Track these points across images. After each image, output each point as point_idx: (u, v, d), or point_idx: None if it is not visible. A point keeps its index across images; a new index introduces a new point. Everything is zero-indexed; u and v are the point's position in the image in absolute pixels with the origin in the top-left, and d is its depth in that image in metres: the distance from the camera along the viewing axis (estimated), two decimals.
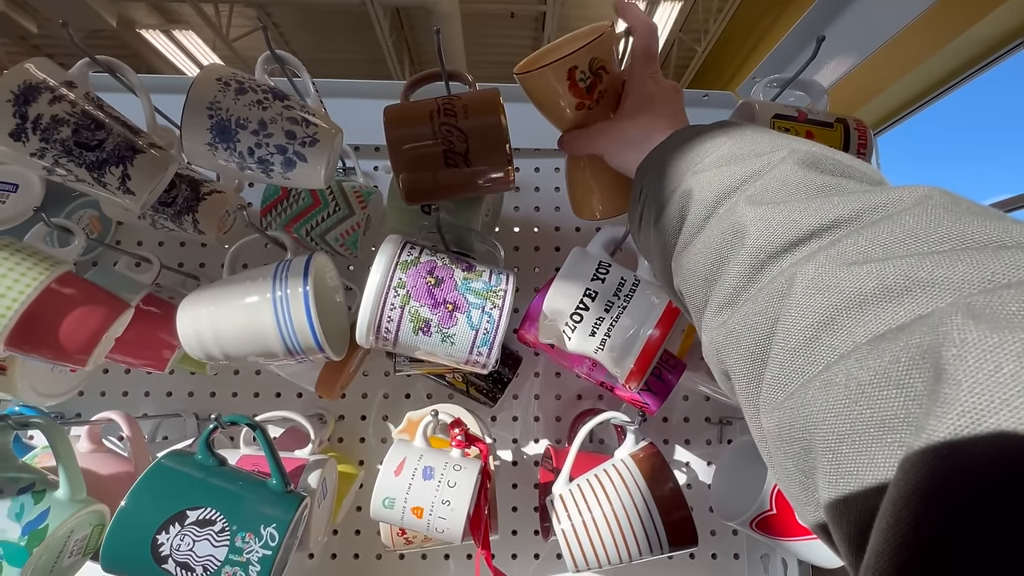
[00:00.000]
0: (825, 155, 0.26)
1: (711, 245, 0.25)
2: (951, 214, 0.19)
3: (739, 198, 0.25)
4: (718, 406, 0.68)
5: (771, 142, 0.27)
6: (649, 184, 0.32)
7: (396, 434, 0.56)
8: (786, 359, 0.20)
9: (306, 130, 0.45)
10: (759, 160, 0.26)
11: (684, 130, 0.33)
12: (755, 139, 0.28)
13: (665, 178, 0.31)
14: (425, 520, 0.41)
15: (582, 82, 0.40)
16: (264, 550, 0.38)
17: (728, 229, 0.25)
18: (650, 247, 0.33)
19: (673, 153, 0.31)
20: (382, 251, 0.41)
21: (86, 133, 0.44)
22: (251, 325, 0.43)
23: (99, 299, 0.44)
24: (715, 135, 0.30)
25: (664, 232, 0.30)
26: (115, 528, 0.37)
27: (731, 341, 0.23)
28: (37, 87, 0.42)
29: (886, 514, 0.14)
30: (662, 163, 0.32)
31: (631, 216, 0.37)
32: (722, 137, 0.29)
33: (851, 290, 0.18)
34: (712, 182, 0.27)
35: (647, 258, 0.35)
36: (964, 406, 0.13)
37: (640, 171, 0.35)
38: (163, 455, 0.41)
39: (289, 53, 0.50)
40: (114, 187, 0.46)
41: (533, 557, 0.65)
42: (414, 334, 0.40)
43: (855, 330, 0.18)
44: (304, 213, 0.59)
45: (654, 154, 0.34)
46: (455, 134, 0.45)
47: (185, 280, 0.66)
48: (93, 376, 0.66)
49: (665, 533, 0.46)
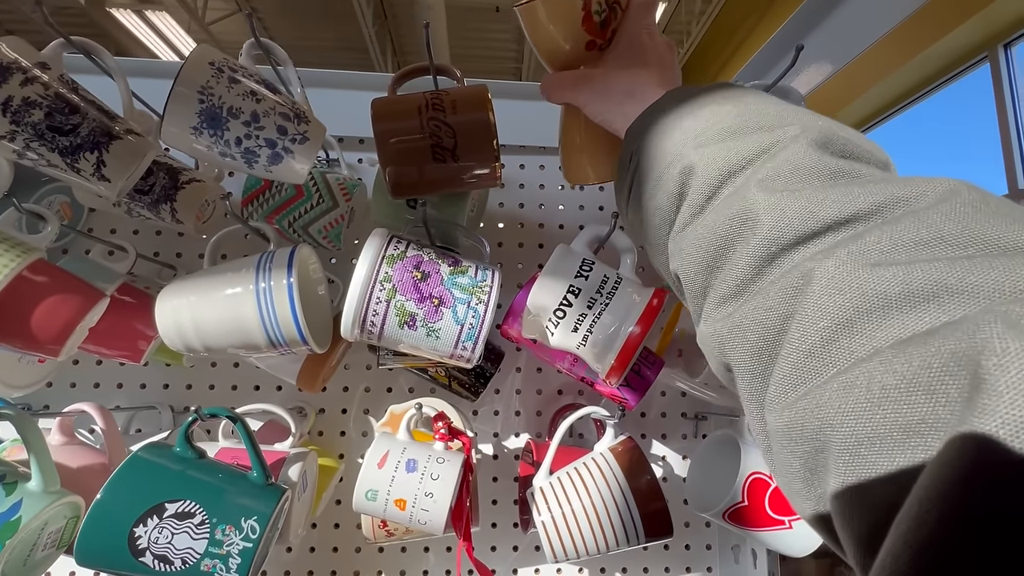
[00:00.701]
0: (837, 134, 0.24)
1: (715, 230, 0.24)
2: (980, 214, 0.18)
3: (748, 180, 0.24)
4: (694, 402, 0.70)
5: (778, 114, 0.26)
6: (642, 151, 0.30)
7: (378, 428, 0.56)
8: (800, 359, 0.19)
9: (298, 127, 0.45)
10: (767, 136, 0.25)
11: (679, 91, 0.31)
12: (760, 109, 0.26)
13: (661, 147, 0.28)
14: (408, 512, 0.42)
15: (597, 15, 0.36)
16: (245, 543, 0.38)
17: (736, 215, 0.23)
18: (641, 221, 0.31)
19: (669, 118, 0.29)
20: (368, 245, 0.41)
21: (59, 117, 0.43)
22: (233, 317, 0.43)
23: (73, 288, 0.43)
24: (716, 100, 0.28)
25: (659, 208, 0.28)
26: (91, 520, 0.36)
27: (736, 334, 0.23)
28: (8, 67, 0.41)
29: (908, 517, 0.13)
30: (657, 129, 0.29)
31: (619, 184, 0.34)
32: (726, 105, 0.27)
33: (874, 293, 0.18)
34: (716, 158, 0.25)
35: (634, 232, 0.33)
36: (1004, 417, 0.12)
37: (631, 135, 0.32)
38: (140, 447, 0.40)
39: (268, 39, 0.49)
40: (88, 173, 0.45)
41: (512, 549, 0.66)
42: (400, 328, 0.40)
43: (876, 334, 0.17)
44: (287, 204, 0.59)
45: (647, 117, 0.31)
46: (443, 129, 0.45)
47: (161, 270, 0.64)
48: (63, 367, 0.64)
49: (642, 524, 0.47)
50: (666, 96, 0.31)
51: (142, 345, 0.54)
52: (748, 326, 0.22)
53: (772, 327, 0.21)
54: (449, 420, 0.48)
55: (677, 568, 0.67)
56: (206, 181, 0.60)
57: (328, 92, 0.69)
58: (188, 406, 0.65)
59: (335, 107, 0.68)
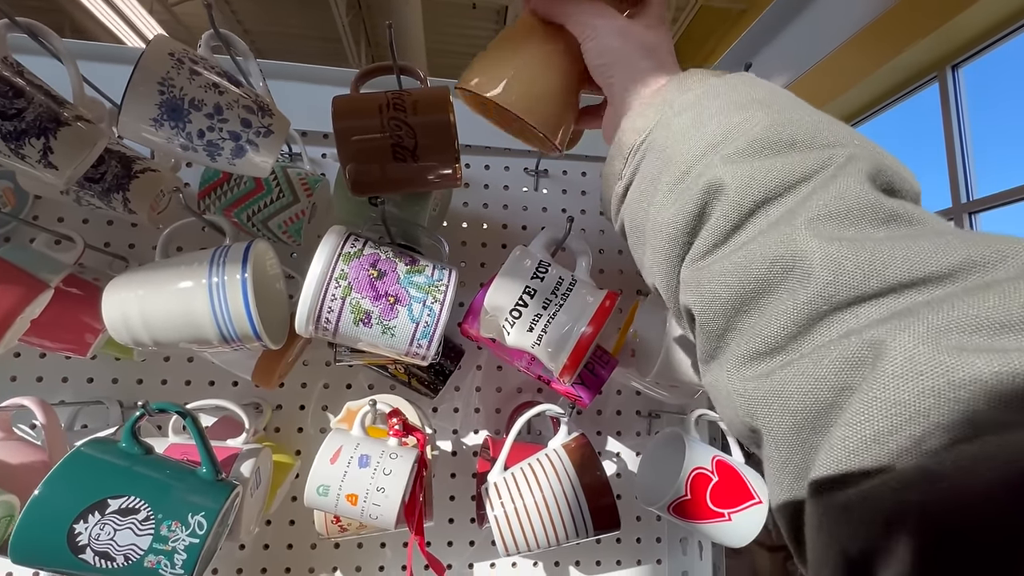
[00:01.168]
0: (884, 163, 0.22)
1: (751, 271, 0.21)
2: None
3: (794, 216, 0.21)
4: (648, 400, 0.72)
5: (814, 127, 0.22)
6: (654, 147, 0.26)
7: (335, 424, 0.56)
8: (860, 444, 0.17)
9: (262, 120, 0.45)
10: (809, 157, 0.22)
11: (697, 79, 0.26)
12: (794, 119, 0.23)
13: (678, 149, 0.24)
14: (359, 507, 0.42)
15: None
16: (191, 538, 0.37)
17: (781, 259, 0.20)
18: (641, 231, 0.27)
19: (689, 114, 0.25)
20: (325, 241, 0.41)
21: (2, 100, 0.42)
22: (184, 311, 0.42)
23: (12, 278, 0.42)
24: (743, 101, 0.24)
25: (671, 223, 0.24)
26: (28, 516, 0.35)
27: (774, 400, 0.20)
28: None
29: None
30: (675, 125, 0.25)
31: (609, 176, 0.29)
32: (754, 109, 0.23)
33: (961, 383, 0.15)
34: (751, 180, 0.22)
35: (630, 238, 0.28)
36: None
37: (638, 118, 0.27)
38: (83, 442, 0.39)
39: (236, 24, 0.49)
40: (34, 160, 0.44)
41: (468, 544, 0.67)
42: (354, 325, 0.40)
43: (959, 431, 0.15)
44: (246, 198, 0.58)
45: (660, 104, 0.26)
46: (403, 129, 0.46)
47: (112, 261, 0.63)
48: (3, 360, 0.62)
49: (591, 518, 0.49)
50: (682, 83, 0.27)
51: (89, 338, 0.52)
52: (791, 393, 0.19)
53: (823, 400, 0.18)
54: (404, 417, 0.48)
55: (628, 561, 0.70)
56: (161, 171, 0.58)
57: (292, 85, 0.69)
58: (137, 401, 0.64)
59: (299, 101, 0.68)
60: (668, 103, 0.26)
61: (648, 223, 0.26)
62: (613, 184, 0.29)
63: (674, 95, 0.26)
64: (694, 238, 0.24)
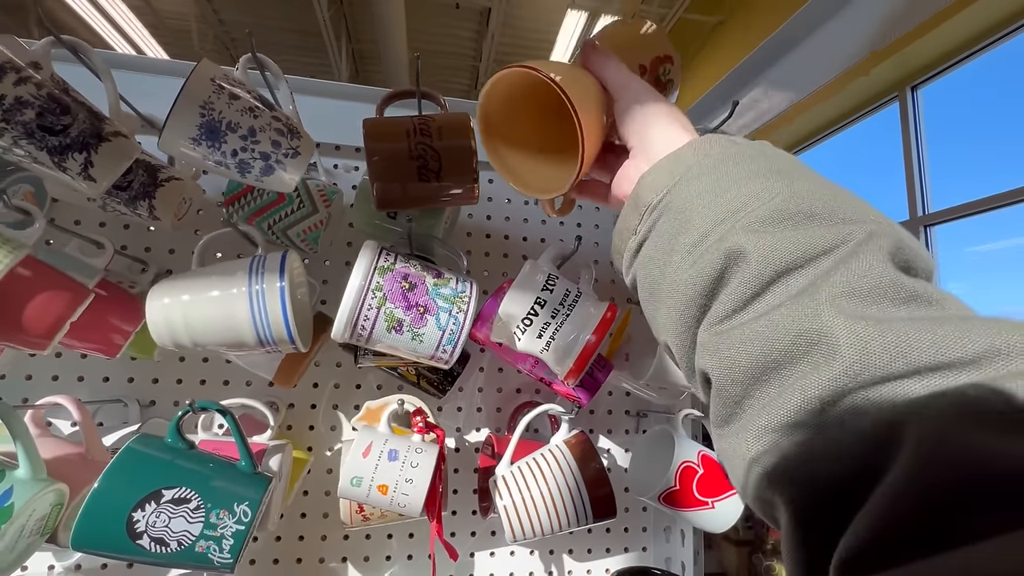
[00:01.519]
0: (903, 241, 0.22)
1: (773, 342, 0.21)
2: None
3: (816, 289, 0.21)
4: (636, 401, 0.78)
5: (832, 199, 0.23)
6: (672, 208, 0.26)
7: (355, 421, 0.60)
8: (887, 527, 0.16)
9: (291, 142, 0.48)
10: (831, 231, 0.22)
11: (714, 144, 0.27)
12: (811, 190, 0.24)
13: (698, 212, 0.25)
14: (389, 496, 0.46)
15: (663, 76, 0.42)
16: (237, 525, 0.41)
17: (805, 335, 0.20)
18: (654, 286, 0.27)
19: (707, 178, 0.26)
20: (362, 256, 0.45)
21: (51, 117, 0.44)
22: (226, 316, 0.45)
23: (62, 284, 0.45)
24: (761, 171, 0.25)
25: (689, 284, 0.24)
26: (90, 506, 0.38)
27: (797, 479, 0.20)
28: (2, 67, 0.42)
29: None
30: (694, 187, 0.26)
31: (624, 230, 0.30)
32: (773, 180, 0.24)
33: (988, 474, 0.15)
34: (773, 250, 0.22)
35: (642, 290, 0.29)
36: None
37: (658, 178, 0.28)
38: (133, 439, 0.42)
39: (212, 13, 0.52)
40: (75, 172, 0.46)
41: (470, 535, 0.72)
42: (387, 332, 0.45)
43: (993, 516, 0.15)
44: (268, 207, 0.61)
45: (677, 166, 0.27)
46: (429, 153, 0.50)
47: (131, 264, 0.65)
48: (18, 360, 0.63)
49: (591, 507, 0.55)
50: (701, 146, 0.28)
51: (117, 339, 0.55)
52: (815, 473, 0.19)
53: (846, 481, 0.18)
54: (426, 415, 0.53)
55: (617, 548, 0.76)
56: (184, 179, 0.61)
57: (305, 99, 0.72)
58: (153, 400, 0.66)
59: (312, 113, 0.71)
60: (687, 165, 0.27)
61: (664, 282, 0.26)
62: (627, 238, 0.29)
63: (694, 157, 0.27)
64: (712, 301, 0.24)
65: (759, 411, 0.21)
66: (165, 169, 0.60)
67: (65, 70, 0.47)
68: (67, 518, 0.46)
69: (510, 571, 0.72)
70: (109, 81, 0.50)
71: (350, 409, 0.69)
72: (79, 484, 0.46)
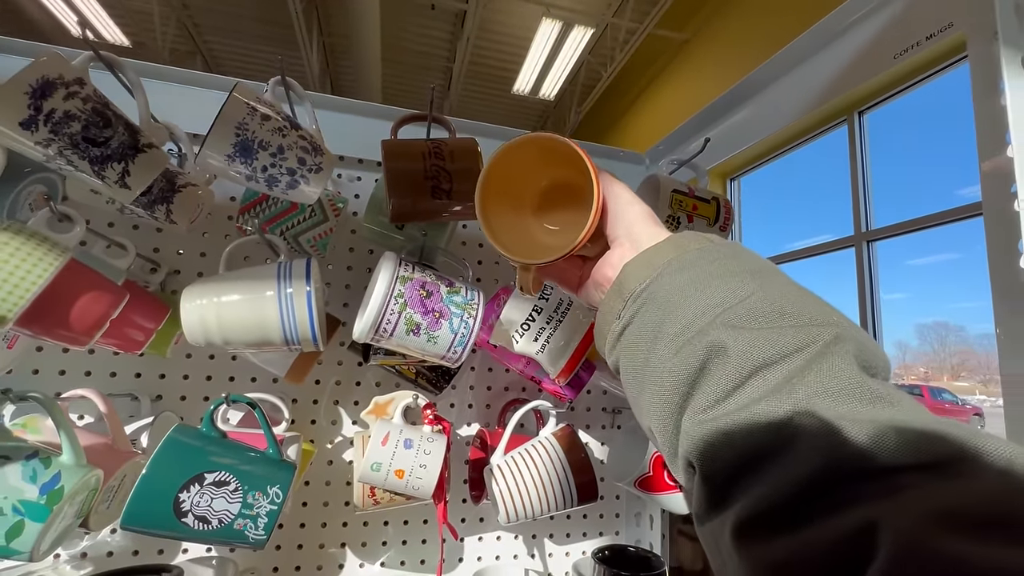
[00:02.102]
0: (864, 343, 0.25)
1: (754, 433, 0.23)
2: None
3: (791, 387, 0.23)
4: (613, 398, 0.86)
5: (799, 300, 0.26)
6: (655, 301, 0.28)
7: (364, 415, 0.65)
8: None
9: (314, 159, 0.53)
10: (801, 332, 0.24)
11: (688, 240, 0.30)
12: (783, 292, 0.26)
13: (680, 307, 0.27)
14: (405, 480, 0.52)
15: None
16: (271, 505, 0.46)
17: (783, 425, 0.22)
18: (638, 372, 0.29)
19: (686, 275, 0.28)
20: (384, 267, 0.50)
21: (95, 130, 0.48)
22: (257, 317, 0.50)
23: (103, 285, 0.48)
24: (736, 270, 0.28)
25: (672, 372, 0.26)
26: (140, 489, 0.42)
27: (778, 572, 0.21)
28: (53, 82, 0.45)
29: None
30: (675, 283, 0.28)
31: (607, 315, 0.32)
32: (746, 278, 0.27)
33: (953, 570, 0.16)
34: (751, 346, 0.24)
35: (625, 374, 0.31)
36: None
37: (640, 271, 0.30)
38: (173, 429, 0.46)
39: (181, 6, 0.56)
40: (112, 181, 0.50)
41: (460, 520, 0.78)
42: (406, 334, 0.50)
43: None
44: (282, 215, 0.65)
45: (656, 261, 0.30)
46: (443, 174, 0.56)
47: (143, 264, 0.67)
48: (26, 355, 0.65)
49: (576, 491, 0.62)
50: (680, 242, 0.30)
51: (139, 337, 0.58)
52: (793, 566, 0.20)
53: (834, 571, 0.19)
54: (435, 408, 0.58)
55: (592, 533, 0.83)
56: (200, 185, 0.64)
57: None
58: (160, 395, 0.69)
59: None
60: (668, 258, 0.29)
61: (649, 368, 0.28)
62: (611, 321, 0.31)
63: (674, 252, 0.30)
64: (695, 390, 0.26)
65: (744, 504, 0.22)
66: (182, 175, 0.63)
67: None
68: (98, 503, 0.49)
69: (496, 554, 0.79)
70: (141, 95, 0.53)
71: (350, 405, 0.74)
72: (108, 472, 0.50)
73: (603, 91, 5.03)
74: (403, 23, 4.59)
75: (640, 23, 4.17)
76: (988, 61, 0.41)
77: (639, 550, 0.69)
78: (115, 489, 0.52)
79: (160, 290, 0.68)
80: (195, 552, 0.65)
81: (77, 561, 0.64)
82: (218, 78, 0.70)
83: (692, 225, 0.64)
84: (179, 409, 0.69)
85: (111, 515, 0.52)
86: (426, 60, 5.17)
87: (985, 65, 0.42)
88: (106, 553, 0.65)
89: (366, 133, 0.74)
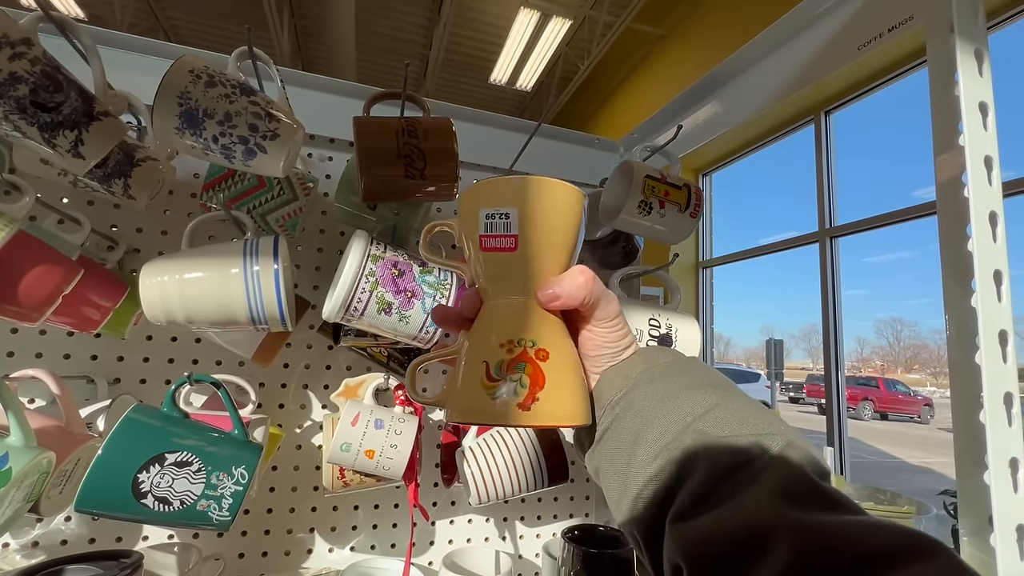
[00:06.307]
0: (811, 454, 0.28)
1: (732, 533, 0.25)
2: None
3: (758, 486, 0.26)
4: None
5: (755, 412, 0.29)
6: (634, 408, 0.31)
7: (334, 397, 0.64)
8: None
9: (268, 125, 0.51)
10: (760, 440, 0.28)
11: (656, 354, 0.33)
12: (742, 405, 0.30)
13: (657, 415, 0.30)
14: (375, 460, 0.51)
15: None
16: (236, 486, 0.45)
17: (753, 525, 0.25)
18: (618, 475, 0.31)
19: (660, 385, 0.31)
20: (355, 245, 0.49)
21: (44, 94, 0.45)
22: (221, 295, 0.48)
23: (55, 260, 0.46)
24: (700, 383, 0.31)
25: (654, 477, 0.29)
26: (95, 470, 0.41)
27: None
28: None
29: None
30: (652, 392, 0.31)
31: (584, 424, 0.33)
32: (709, 391, 0.30)
33: None
34: (720, 453, 0.27)
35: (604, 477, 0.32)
36: None
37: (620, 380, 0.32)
38: (131, 409, 0.45)
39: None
40: (64, 149, 0.47)
41: (432, 504, 0.78)
42: (377, 314, 0.50)
43: None
44: (248, 193, 0.63)
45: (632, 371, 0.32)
46: (416, 153, 0.55)
47: (98, 241, 0.64)
48: None
49: (547, 473, 0.62)
50: (649, 356, 0.33)
51: (94, 315, 0.55)
52: None
53: None
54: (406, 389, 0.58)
55: (563, 515, 0.84)
56: (160, 160, 0.62)
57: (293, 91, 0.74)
58: (118, 378, 0.66)
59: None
60: (640, 370, 0.32)
61: (630, 473, 0.30)
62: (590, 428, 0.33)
63: (644, 364, 0.33)
64: (675, 494, 0.28)
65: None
66: (141, 148, 0.61)
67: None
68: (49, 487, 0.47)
69: (467, 536, 0.79)
70: (96, 60, 0.51)
71: (320, 389, 0.73)
72: (61, 455, 0.48)
73: (580, 84, 5.04)
74: (378, 5, 4.50)
75: (617, 17, 4.19)
76: (945, 53, 0.43)
77: (609, 529, 0.70)
78: (68, 473, 0.50)
79: (118, 269, 0.66)
80: (156, 538, 0.63)
81: (28, 550, 0.61)
82: (181, 48, 0.67)
83: (664, 211, 0.65)
84: (138, 392, 0.66)
85: (64, 501, 0.50)
86: (402, 45, 5.08)
87: (942, 57, 0.43)
88: (60, 541, 0.62)
89: (338, 112, 0.72)
